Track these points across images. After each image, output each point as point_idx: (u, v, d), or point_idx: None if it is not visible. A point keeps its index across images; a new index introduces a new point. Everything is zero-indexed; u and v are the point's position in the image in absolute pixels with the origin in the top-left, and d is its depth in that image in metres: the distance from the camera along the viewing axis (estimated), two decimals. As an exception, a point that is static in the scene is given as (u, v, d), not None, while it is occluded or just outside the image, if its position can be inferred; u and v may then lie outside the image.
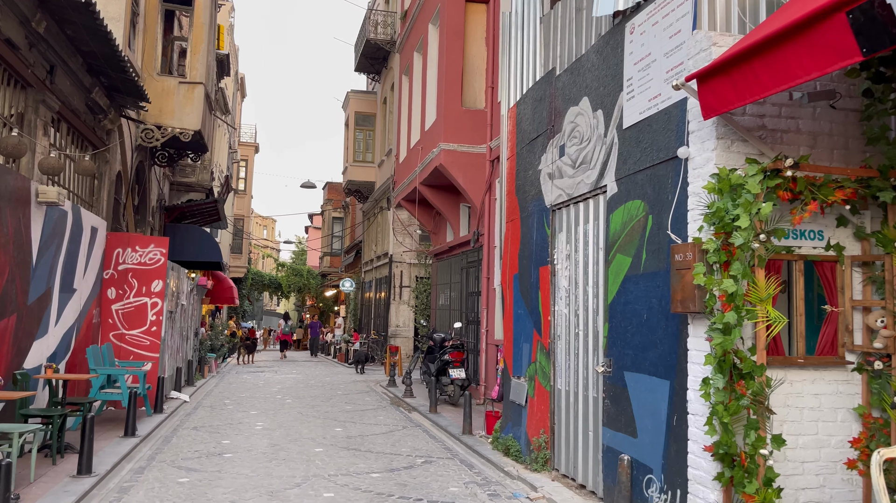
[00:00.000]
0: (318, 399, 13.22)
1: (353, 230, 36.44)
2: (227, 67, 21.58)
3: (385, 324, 24.01)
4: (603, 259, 6.14)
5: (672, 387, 4.90)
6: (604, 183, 6.13)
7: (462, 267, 14.39)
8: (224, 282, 26.34)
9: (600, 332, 6.13)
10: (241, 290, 42.52)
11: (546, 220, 7.39)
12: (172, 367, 12.56)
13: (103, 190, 11.25)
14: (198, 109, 13.62)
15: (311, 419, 10.57)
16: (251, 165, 42.60)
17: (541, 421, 7.26)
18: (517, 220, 8.30)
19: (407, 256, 23.48)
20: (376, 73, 27.53)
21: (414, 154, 15.45)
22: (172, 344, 12.53)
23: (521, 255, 8.12)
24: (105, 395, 9.26)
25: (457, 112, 13.01)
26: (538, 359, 7.44)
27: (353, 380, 17.81)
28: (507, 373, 8.40)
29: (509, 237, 8.57)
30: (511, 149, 8.72)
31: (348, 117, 28.93)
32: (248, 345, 24.25)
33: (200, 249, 17.19)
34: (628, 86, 5.74)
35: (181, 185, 18.31)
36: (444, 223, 16.33)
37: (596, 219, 6.34)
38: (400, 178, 17.34)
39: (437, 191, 14.89)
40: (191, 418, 10.49)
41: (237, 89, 39.53)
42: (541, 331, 7.41)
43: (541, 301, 7.43)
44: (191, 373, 14.74)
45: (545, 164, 7.50)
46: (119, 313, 10.97)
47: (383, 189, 25.31)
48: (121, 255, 11.07)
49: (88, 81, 9.71)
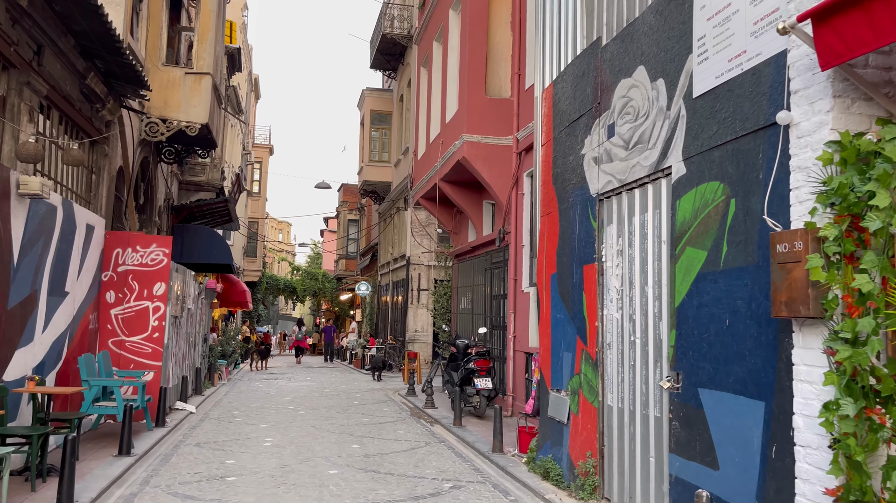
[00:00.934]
0: (334, 410, 12.34)
1: (368, 232, 35.64)
2: (239, 62, 20.84)
3: (402, 328, 23.13)
4: (667, 254, 5.20)
5: (769, 411, 3.95)
6: (667, 164, 5.19)
7: (486, 268, 13.48)
8: (237, 285, 25.59)
9: (664, 341, 5.18)
10: (255, 294, 41.89)
11: (591, 210, 6.46)
12: (177, 376, 11.75)
13: (102, 185, 10.46)
14: (205, 102, 12.83)
15: (326, 433, 9.69)
16: (265, 167, 41.96)
17: (587, 442, 6.32)
18: (554, 213, 7.37)
19: (425, 258, 22.60)
20: (392, 70, 26.72)
21: (434, 149, 14.57)
22: (178, 351, 11.72)
23: (559, 253, 7.19)
24: (99, 409, 8.44)
25: (481, 101, 12.10)
26: (583, 370, 6.51)
27: (370, 387, 16.93)
28: (544, 386, 7.47)
29: (545, 233, 7.64)
30: (546, 133, 7.80)
31: (364, 116, 28.13)
32: (262, 350, 23.45)
33: (210, 251, 16.41)
34: (700, 46, 4.80)
35: (190, 184, 17.55)
36: (466, 222, 15.42)
37: (657, 207, 5.40)
38: (418, 175, 16.46)
39: (458, 187, 13.99)
40: (195, 432, 9.64)
41: (251, 90, 38.92)
42: (585, 339, 6.48)
43: (585, 304, 6.50)
44: (199, 382, 13.93)
45: (589, 147, 6.58)
46: (118, 318, 10.16)
47: (400, 189, 24.47)
48: (120, 256, 10.26)
49: (82, 65, 8.92)
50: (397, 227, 26.00)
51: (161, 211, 15.30)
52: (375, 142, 27.91)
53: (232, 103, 25.94)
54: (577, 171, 6.81)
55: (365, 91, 27.66)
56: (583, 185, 6.67)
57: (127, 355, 10.13)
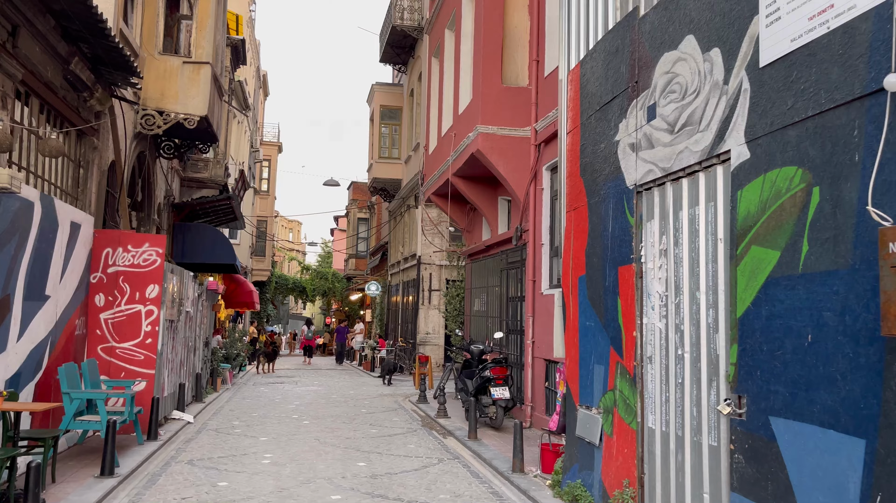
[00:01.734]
0: (340, 420, 11.59)
1: (378, 231, 34.93)
2: (244, 55, 20.15)
3: (413, 330, 22.39)
4: (725, 254, 4.41)
5: (871, 451, 3.16)
6: (724, 148, 4.40)
7: (501, 268, 12.69)
8: (244, 285, 24.92)
9: (722, 357, 4.39)
10: (264, 294, 41.30)
11: (628, 204, 5.67)
12: (174, 384, 11.04)
13: (91, 181, 9.76)
14: (204, 93, 12.11)
15: (330, 448, 8.95)
16: (274, 165, 41.35)
17: (624, 468, 5.53)
18: (583, 209, 6.58)
19: (437, 258, 21.86)
20: (402, 64, 25.97)
21: (446, 142, 13.80)
22: (174, 357, 11.02)
23: (589, 253, 6.40)
24: (82, 425, 7.72)
25: (496, 90, 11.32)
26: (618, 386, 5.72)
27: (379, 393, 16.19)
28: (570, 401, 6.68)
29: (572, 230, 6.85)
30: (573, 120, 7.01)
31: (373, 112, 27.41)
32: (269, 353, 22.76)
33: (213, 251, 15.72)
34: (769, 5, 4.00)
35: (192, 181, 16.86)
36: (480, 220, 14.63)
37: (711, 198, 4.61)
38: (430, 170, 15.70)
39: (472, 183, 13.21)
40: (189, 447, 8.92)
41: (259, 86, 38.30)
42: (621, 350, 5.69)
43: (621, 311, 5.71)
44: (199, 389, 13.23)
45: (625, 132, 5.79)
46: (108, 323, 9.46)
47: (410, 186, 23.72)
48: (110, 256, 9.56)
49: (65, 49, 8.21)
50: (407, 226, 25.26)
51: (161, 209, 14.61)
52: (385, 138, 27.18)
53: (238, 98, 25.27)
54: (610, 159, 6.02)
55: (374, 86, 26.94)
56: (617, 176, 5.88)
57: (118, 363, 9.43)
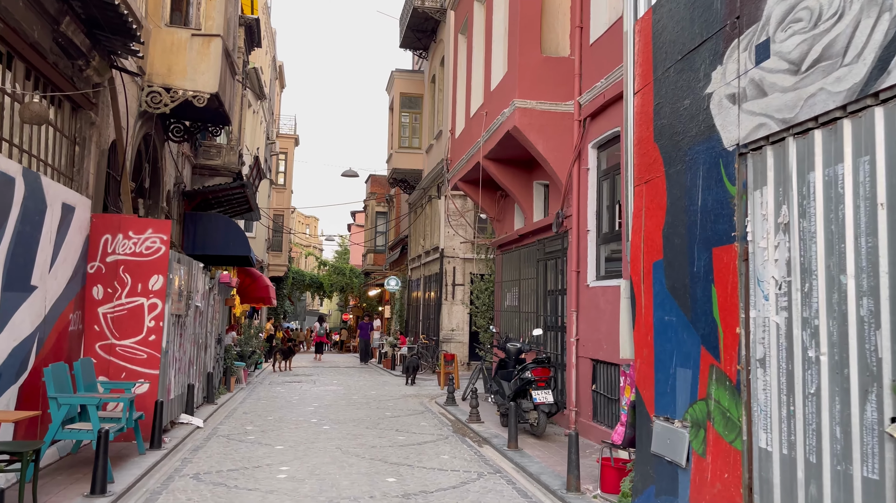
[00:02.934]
0: (363, 424, 10.58)
1: (397, 225, 33.96)
2: (258, 37, 19.18)
3: (436, 326, 21.37)
4: (890, 224, 3.31)
5: None
6: (888, 82, 3.30)
7: (538, 259, 11.61)
8: (259, 280, 24.05)
9: (886, 361, 3.29)
10: (281, 290, 40.53)
11: (726, 170, 4.58)
12: (181, 385, 10.08)
13: (88, 160, 8.80)
14: (214, 68, 11.14)
15: (354, 460, 7.93)
16: (291, 158, 40.48)
17: (724, 497, 4.44)
18: (659, 180, 5.49)
19: (461, 250, 20.83)
20: (423, 49, 24.92)
21: (476, 123, 12.73)
22: (182, 356, 10.06)
23: (668, 233, 5.32)
24: (70, 434, 6.74)
25: (535, 61, 10.22)
26: (712, 394, 4.63)
27: (402, 393, 15.17)
28: (643, 411, 5.60)
29: (643, 207, 5.76)
30: (643, 76, 5.91)
31: (393, 100, 26.39)
32: (286, 350, 21.83)
33: (226, 242, 14.80)
34: None
35: (205, 168, 15.93)
36: (512, 207, 13.56)
37: (863, 152, 3.50)
38: (456, 155, 14.64)
39: (504, 166, 12.13)
40: (196, 457, 7.94)
41: (275, 77, 37.45)
42: (717, 351, 4.60)
43: (717, 302, 4.62)
44: (210, 389, 12.28)
45: (720, 81, 4.69)
46: (107, 318, 8.51)
47: (432, 177, 22.70)
48: (109, 243, 8.61)
49: (54, 7, 7.24)
50: (429, 218, 24.23)
51: (171, 196, 13.69)
52: (405, 127, 26.16)
53: (253, 84, 24.36)
54: (699, 117, 4.93)
55: (394, 73, 25.92)
56: (709, 137, 4.78)
57: (118, 362, 8.47)
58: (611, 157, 9.35)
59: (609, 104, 8.96)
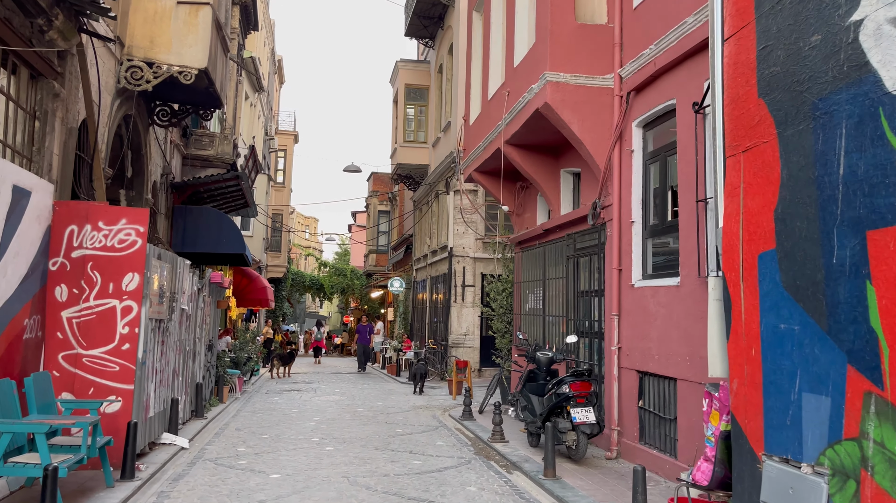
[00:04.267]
0: (372, 444, 9.29)
1: (401, 224, 32.69)
2: (255, 18, 17.90)
3: (445, 330, 20.08)
4: None
5: None
6: None
7: (568, 256, 10.32)
8: (257, 281, 22.79)
9: None
10: (280, 292, 39.27)
11: (890, 122, 3.31)
12: (163, 400, 8.79)
13: (51, 138, 7.51)
14: (203, 40, 9.87)
15: (365, 494, 6.62)
16: (290, 156, 39.19)
17: (896, 580, 3.16)
18: (767, 146, 4.22)
19: (471, 249, 19.55)
20: (430, 38, 23.67)
21: (495, 105, 11.46)
22: (164, 366, 8.77)
23: (784, 214, 4.04)
24: (13, 470, 5.42)
25: (569, 28, 8.95)
26: (870, 432, 3.35)
27: (411, 404, 13.87)
28: (744, 446, 4.32)
29: (741, 182, 4.48)
30: (737, 17, 4.63)
31: (397, 92, 25.13)
32: (285, 356, 20.53)
33: (219, 238, 13.50)
34: None
35: (196, 158, 14.65)
36: (534, 200, 12.28)
37: None
38: (471, 143, 13.36)
39: (528, 152, 10.85)
40: (175, 491, 6.64)
41: (274, 71, 36.22)
42: (876, 373, 3.32)
43: (876, 305, 3.35)
44: (199, 402, 10.97)
45: (875, 2, 3.41)
46: (73, 323, 7.22)
47: (440, 171, 21.43)
48: (76, 236, 7.32)
49: (0, -54, 5.97)
50: (436, 215, 22.96)
51: (157, 188, 12.40)
52: (411, 120, 24.90)
53: (250, 75, 23.09)
54: (839, 56, 3.65)
55: (399, 63, 24.64)
56: (859, 80, 3.51)
57: (84, 375, 7.18)
58: (660, 136, 8.07)
59: (661, 73, 7.68)
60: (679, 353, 7.09)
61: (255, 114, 26.78)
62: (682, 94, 7.25)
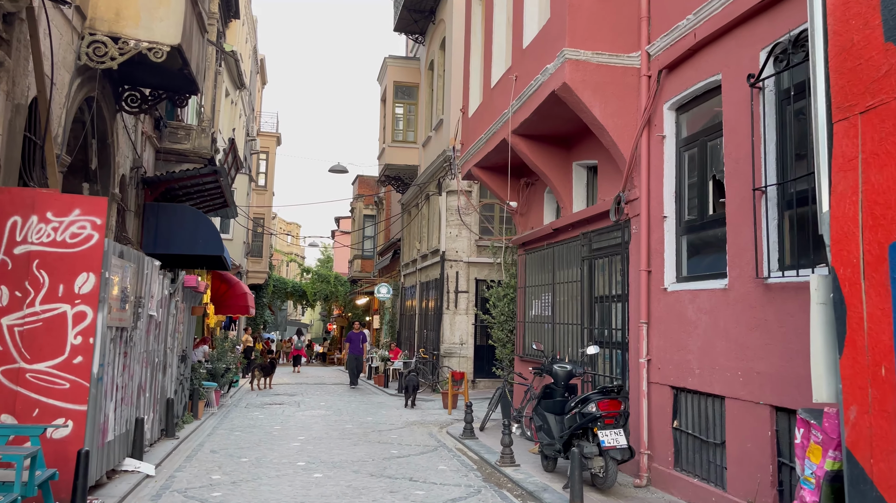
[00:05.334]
0: (366, 469, 8.20)
1: (388, 228, 31.62)
2: (235, 6, 16.79)
3: (436, 339, 19.01)
4: None
5: None
6: None
7: (583, 257, 9.33)
8: (236, 286, 21.61)
9: None
10: (261, 299, 37.99)
11: None
12: (126, 421, 7.65)
13: (-9, 113, 6.38)
14: (176, 13, 8.81)
15: (362, 535, 5.54)
16: (272, 158, 38.01)
17: None
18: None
19: (465, 253, 18.53)
20: (420, 34, 22.71)
21: (500, 93, 10.47)
22: (128, 382, 7.64)
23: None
24: (-83, 519, 4.32)
25: (589, 1, 7.97)
26: None
27: (404, 420, 12.79)
28: (867, 492, 3.31)
29: (856, 152, 3.50)
30: (848, -55, 3.65)
31: (385, 90, 24.12)
32: (266, 366, 19.33)
33: (194, 238, 12.36)
34: None
35: (171, 153, 13.51)
36: (540, 197, 11.30)
37: None
38: (470, 137, 12.36)
39: (537, 144, 9.87)
40: (134, 533, 5.52)
41: (256, 70, 35.09)
42: None
43: None
44: (170, 420, 9.81)
45: None
46: (14, 332, 6.09)
47: (431, 172, 20.43)
48: (19, 228, 6.20)
49: None
50: (426, 218, 21.94)
51: (126, 182, 11.26)
52: (400, 120, 23.89)
53: (231, 70, 21.97)
54: None
55: (387, 59, 23.64)
56: None
57: (28, 394, 6.05)
58: (698, 118, 7.10)
59: (701, 46, 6.72)
60: (727, 368, 6.10)
61: (237, 112, 25.63)
62: (730, 67, 6.29)
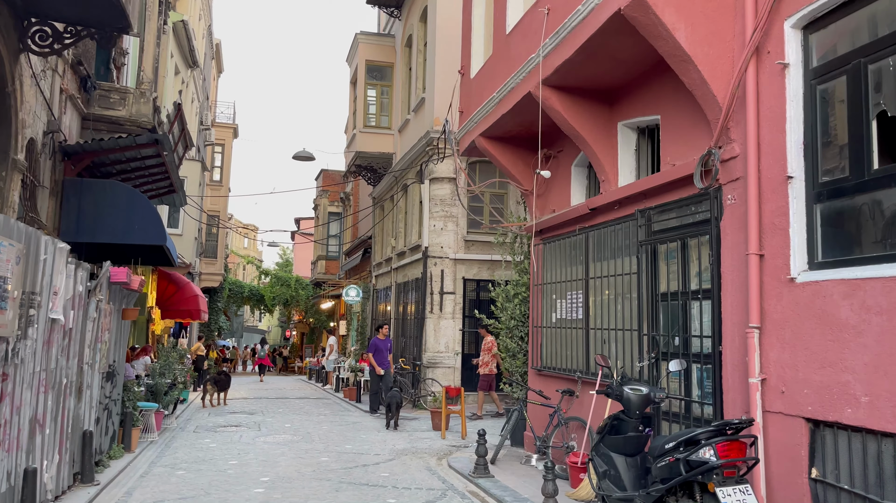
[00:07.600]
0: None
1: (356, 226, 29.19)
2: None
3: (418, 347, 16.69)
4: None
5: None
6: None
7: (640, 241, 7.15)
8: (187, 288, 19.02)
9: None
10: (215, 303, 35.18)
11: None
12: (11, 474, 5.17)
13: None
14: None
15: None
16: (229, 152, 35.22)
17: None
18: None
19: (451, 249, 16.29)
20: (396, 7, 20.45)
21: (521, 37, 8.29)
22: (16, 416, 5.18)
23: None
24: None
25: None
26: None
27: (391, 447, 10.44)
28: None
29: None
30: None
31: (356, 70, 21.78)
32: (220, 380, 16.74)
33: (129, 224, 9.86)
34: None
35: (102, 120, 10.95)
36: (566, 172, 9.14)
37: None
38: (473, 102, 10.14)
39: (573, 98, 7.70)
40: None
41: (211, 56, 32.35)
42: None
43: None
44: (86, 461, 7.31)
45: None
46: None
47: (409, 159, 18.17)
48: None
49: None
50: (403, 211, 19.65)
51: (37, 150, 8.74)
52: (372, 104, 21.57)
53: (181, 45, 19.37)
54: None
55: (358, 36, 21.32)
56: None
57: None
58: (842, 35, 4.98)
59: (865, -79, 4.61)
60: (931, 395, 3.97)
61: (188, 96, 22.98)
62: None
